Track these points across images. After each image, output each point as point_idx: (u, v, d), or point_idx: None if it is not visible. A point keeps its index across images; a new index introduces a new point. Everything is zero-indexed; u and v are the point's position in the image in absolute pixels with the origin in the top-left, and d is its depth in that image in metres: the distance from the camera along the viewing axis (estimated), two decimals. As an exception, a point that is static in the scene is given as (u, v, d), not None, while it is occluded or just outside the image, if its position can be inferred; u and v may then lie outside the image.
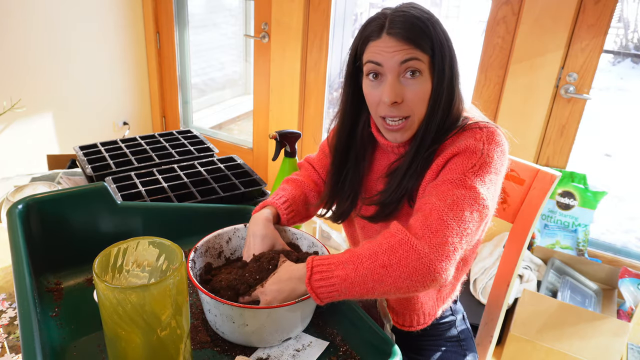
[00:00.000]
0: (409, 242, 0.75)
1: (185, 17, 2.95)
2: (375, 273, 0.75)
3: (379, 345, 0.80)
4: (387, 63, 0.84)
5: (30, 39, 2.38)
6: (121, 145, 1.46)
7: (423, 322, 1.03)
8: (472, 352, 1.10)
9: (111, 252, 0.68)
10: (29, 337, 0.67)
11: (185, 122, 3.20)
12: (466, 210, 0.77)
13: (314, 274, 0.77)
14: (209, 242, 0.93)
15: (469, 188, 0.79)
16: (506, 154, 0.88)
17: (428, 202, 0.80)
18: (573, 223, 2.07)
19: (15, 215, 0.89)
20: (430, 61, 0.84)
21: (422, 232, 0.75)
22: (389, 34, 0.83)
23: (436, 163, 0.86)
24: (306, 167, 1.12)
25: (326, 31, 2.41)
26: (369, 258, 0.76)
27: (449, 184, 0.80)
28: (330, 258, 0.79)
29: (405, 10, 0.84)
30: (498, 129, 0.88)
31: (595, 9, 1.80)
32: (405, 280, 0.74)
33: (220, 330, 0.82)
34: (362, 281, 0.75)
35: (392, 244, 0.75)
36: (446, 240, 0.75)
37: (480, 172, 0.81)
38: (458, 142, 0.85)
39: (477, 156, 0.82)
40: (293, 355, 0.82)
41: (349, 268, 0.76)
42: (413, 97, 0.85)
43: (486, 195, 0.80)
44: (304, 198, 1.04)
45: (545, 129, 2.02)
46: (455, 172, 0.81)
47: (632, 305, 1.80)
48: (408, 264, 0.73)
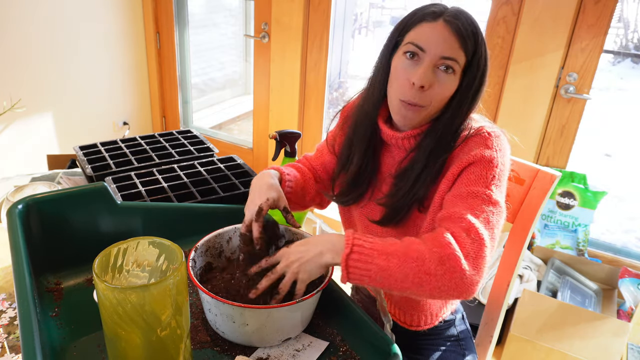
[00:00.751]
0: (458, 259, 0.75)
1: (185, 17, 2.95)
2: (417, 277, 0.75)
3: (379, 345, 0.80)
4: (431, 50, 0.84)
5: (30, 39, 2.38)
6: (121, 145, 1.46)
7: (430, 322, 1.05)
8: (472, 351, 1.10)
9: (111, 252, 0.68)
10: (29, 337, 0.67)
11: (185, 122, 3.20)
12: (496, 228, 0.82)
13: (353, 253, 0.76)
14: (209, 241, 0.93)
15: (495, 203, 0.83)
16: (509, 157, 0.91)
17: (462, 216, 0.80)
18: (573, 223, 2.07)
19: (15, 215, 0.89)
20: (466, 64, 0.86)
21: (467, 252, 0.77)
22: (445, 21, 0.84)
23: (451, 172, 0.87)
24: (303, 162, 1.12)
25: (326, 31, 2.41)
26: (416, 260, 0.75)
27: (476, 199, 0.83)
28: (373, 242, 0.77)
29: (463, 11, 0.87)
30: (502, 133, 0.90)
31: (595, 9, 1.80)
32: (443, 292, 0.75)
33: (220, 330, 0.82)
34: (401, 278, 0.75)
35: (441, 255, 0.75)
36: (484, 261, 0.78)
37: (499, 183, 0.85)
38: (470, 150, 0.86)
39: (494, 166, 0.85)
40: (293, 355, 0.81)
41: (393, 262, 0.75)
42: (439, 90, 0.86)
43: (504, 204, 0.85)
44: (303, 185, 1.04)
45: (545, 129, 2.02)
46: (478, 184, 0.84)
47: (632, 305, 1.80)
48: (452, 280, 0.75)
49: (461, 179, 0.85)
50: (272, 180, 0.93)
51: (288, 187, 0.99)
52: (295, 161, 1.13)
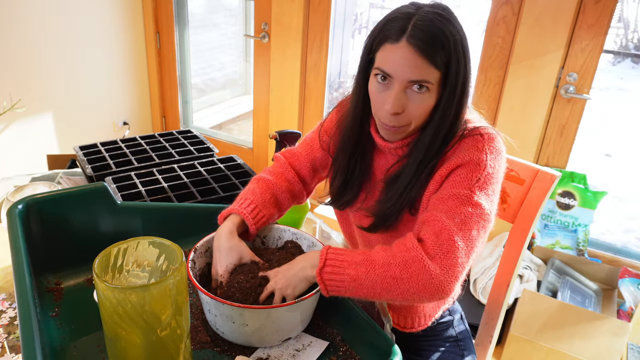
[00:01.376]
0: (422, 261, 0.76)
1: (185, 17, 2.95)
2: (385, 282, 0.77)
3: (379, 345, 0.80)
4: (398, 76, 0.81)
5: (30, 39, 2.38)
6: (121, 145, 1.46)
7: (423, 323, 1.04)
8: (471, 352, 1.10)
9: (111, 252, 0.68)
10: (29, 337, 0.67)
11: (185, 122, 3.20)
12: (473, 229, 0.80)
13: (326, 266, 0.79)
14: (209, 242, 0.93)
15: (476, 205, 0.81)
16: (504, 159, 0.88)
17: (437, 218, 0.80)
18: (573, 223, 2.07)
19: (15, 215, 0.89)
20: (442, 76, 0.82)
21: (434, 252, 0.77)
22: (408, 42, 0.79)
23: (439, 173, 0.86)
24: (281, 162, 1.05)
25: (326, 31, 2.41)
26: (382, 266, 0.77)
27: (456, 200, 0.81)
28: (344, 254, 0.80)
29: (433, 17, 0.80)
30: (497, 134, 0.87)
31: (595, 9, 1.80)
32: (413, 294, 0.77)
33: (220, 330, 0.82)
34: (370, 286, 0.77)
35: (406, 259, 0.77)
36: (456, 262, 0.77)
37: (484, 186, 0.82)
38: (461, 152, 0.84)
39: (482, 169, 0.82)
40: (293, 355, 0.81)
41: (361, 270, 0.78)
42: (415, 110, 0.84)
43: (490, 209, 0.82)
44: (275, 200, 0.99)
45: (545, 129, 2.02)
46: (461, 186, 0.82)
47: (632, 305, 1.80)
48: (418, 281, 0.76)
49: (447, 181, 0.84)
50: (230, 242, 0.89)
51: (259, 223, 0.95)
52: (274, 159, 1.08)
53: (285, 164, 1.05)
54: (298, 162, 1.05)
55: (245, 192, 0.98)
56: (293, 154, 1.07)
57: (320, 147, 1.04)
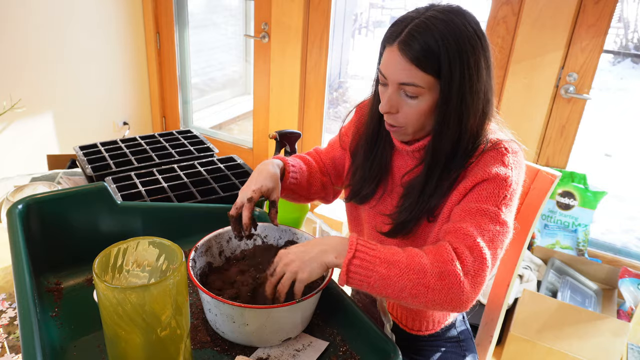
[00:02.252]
0: (458, 276, 0.76)
1: (185, 17, 2.95)
2: (415, 289, 0.76)
3: (379, 345, 0.80)
4: (390, 77, 0.84)
5: (30, 38, 2.38)
6: (121, 145, 1.46)
7: (432, 328, 1.05)
8: (472, 352, 1.10)
9: (111, 252, 0.68)
10: (29, 337, 0.67)
11: (185, 122, 3.20)
12: (499, 248, 0.83)
13: (356, 258, 0.76)
14: (210, 241, 0.93)
15: (502, 223, 0.83)
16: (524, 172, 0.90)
17: (469, 234, 0.80)
18: (573, 223, 2.07)
19: (15, 215, 0.89)
20: (436, 82, 0.82)
21: (468, 269, 0.78)
22: (398, 48, 0.81)
23: (463, 185, 0.86)
24: (312, 154, 1.13)
25: (326, 31, 2.41)
26: (417, 273, 0.76)
27: (484, 217, 0.82)
28: (376, 249, 0.77)
29: (430, 22, 0.80)
30: (519, 148, 0.89)
31: (595, 9, 1.81)
32: (437, 304, 0.77)
33: (220, 330, 0.82)
34: (399, 288, 0.76)
35: (443, 270, 0.76)
36: (484, 279, 0.79)
37: (509, 202, 0.85)
38: (486, 166, 0.85)
39: (508, 185, 0.84)
40: (293, 355, 0.81)
41: (393, 271, 0.76)
42: (408, 112, 0.86)
43: (511, 224, 0.85)
44: (309, 176, 1.05)
45: (545, 129, 2.02)
46: (489, 202, 0.83)
47: (632, 305, 1.80)
48: (449, 294, 0.76)
49: (472, 194, 0.85)
50: (273, 169, 0.95)
51: (292, 179, 1.01)
52: (306, 153, 1.14)
53: (316, 155, 1.12)
54: (324, 157, 1.11)
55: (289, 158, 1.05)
56: (319, 151, 1.14)
57: (341, 146, 1.09)
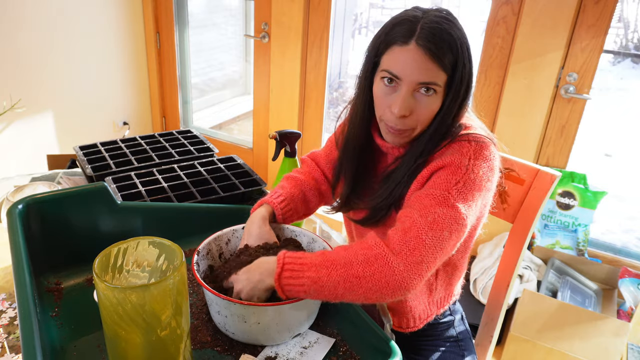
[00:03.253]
0: (385, 257, 0.76)
1: (185, 17, 2.95)
2: (347, 281, 0.76)
3: (379, 345, 0.80)
4: (407, 78, 0.81)
5: (30, 38, 2.38)
6: (121, 145, 1.46)
7: (413, 325, 1.03)
8: (471, 352, 1.10)
9: (111, 252, 0.68)
10: (29, 337, 0.67)
11: (185, 122, 3.20)
12: (445, 230, 0.78)
13: (284, 271, 0.78)
14: (209, 244, 0.93)
15: (451, 207, 0.80)
16: (495, 169, 0.86)
17: (409, 216, 0.80)
18: (573, 223, 2.07)
19: (15, 215, 0.89)
20: (448, 79, 0.82)
21: (399, 248, 0.76)
22: (417, 44, 0.79)
23: (422, 174, 0.86)
24: (308, 163, 1.11)
25: (326, 31, 2.41)
26: (344, 266, 0.76)
27: (431, 200, 0.80)
28: (302, 257, 0.79)
29: (439, 20, 0.80)
30: (490, 143, 0.86)
31: (595, 9, 1.81)
32: (375, 292, 0.76)
33: (230, 331, 0.83)
34: (332, 287, 0.76)
35: (368, 256, 0.77)
36: (422, 259, 0.76)
37: (463, 189, 0.81)
38: (445, 155, 0.84)
39: (462, 172, 0.82)
40: (301, 352, 0.82)
41: (322, 272, 0.76)
42: (422, 112, 0.84)
43: (467, 213, 0.81)
44: (303, 197, 1.04)
45: (545, 129, 2.02)
46: (439, 187, 0.81)
47: (632, 305, 1.80)
48: (381, 279, 0.75)
49: (428, 183, 0.84)
50: (261, 228, 0.93)
51: (286, 215, 0.99)
52: (301, 161, 1.13)
53: (312, 164, 1.10)
54: (321, 163, 1.09)
55: (277, 188, 1.03)
56: (316, 156, 1.11)
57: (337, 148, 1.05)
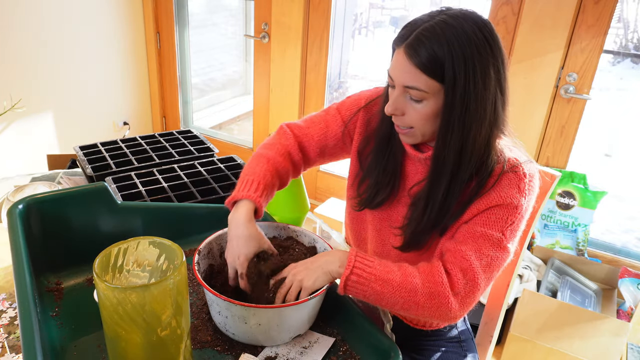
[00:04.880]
0: (447, 297, 0.81)
1: (185, 17, 2.95)
2: (407, 304, 0.82)
3: (379, 345, 0.80)
4: (396, 79, 0.84)
5: (30, 39, 2.38)
6: (121, 145, 1.46)
7: (436, 324, 1.05)
8: (472, 352, 1.10)
9: (111, 252, 0.68)
10: (29, 336, 0.67)
11: (185, 122, 3.20)
12: (495, 271, 0.85)
13: (353, 274, 0.81)
14: (210, 244, 0.93)
15: (504, 249, 0.84)
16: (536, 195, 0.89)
17: (466, 257, 0.83)
18: (573, 223, 2.07)
19: (15, 215, 0.89)
20: (442, 88, 0.81)
21: (458, 290, 0.82)
22: (404, 52, 0.81)
23: (476, 206, 0.85)
24: (284, 133, 1.03)
25: (326, 31, 2.41)
26: (408, 292, 0.81)
27: (487, 241, 0.84)
28: (372, 266, 0.82)
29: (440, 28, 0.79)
30: (536, 169, 0.88)
31: (595, 9, 1.81)
32: (427, 318, 0.84)
33: (230, 332, 0.83)
34: (391, 303, 0.82)
35: (432, 291, 0.81)
36: (473, 300, 0.84)
37: (515, 228, 0.85)
38: (502, 190, 0.84)
39: (518, 212, 0.84)
40: (301, 352, 0.82)
41: (387, 289, 0.81)
42: (413, 115, 0.85)
43: (513, 249, 0.86)
44: (278, 176, 0.98)
45: (545, 129, 2.02)
46: (494, 227, 0.84)
47: (632, 305, 1.80)
48: (438, 312, 0.82)
49: (481, 216, 0.85)
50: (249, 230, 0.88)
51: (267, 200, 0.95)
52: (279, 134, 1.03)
53: (290, 135, 1.02)
54: (307, 142, 1.03)
55: (250, 173, 0.95)
56: (305, 134, 1.03)
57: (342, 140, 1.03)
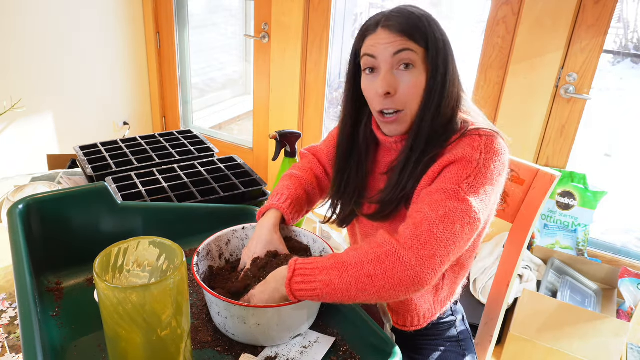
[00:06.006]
0: (396, 253, 0.76)
1: (185, 17, 2.95)
2: (360, 282, 0.76)
3: (379, 345, 0.80)
4: (381, 55, 0.85)
5: (30, 38, 2.38)
6: (121, 145, 1.46)
7: (417, 323, 1.03)
8: (471, 352, 1.10)
9: (112, 252, 0.68)
10: (30, 336, 0.67)
11: (186, 122, 3.20)
12: (457, 224, 0.78)
13: (295, 276, 0.78)
14: (210, 245, 0.93)
15: (462, 201, 0.79)
16: (505, 162, 0.86)
17: (420, 210, 0.80)
18: (573, 223, 2.07)
19: (15, 215, 0.89)
20: (425, 55, 0.85)
21: (411, 243, 0.76)
22: (383, 27, 0.85)
23: (432, 169, 0.86)
24: (309, 159, 1.11)
25: (326, 31, 2.41)
26: (354, 267, 0.76)
27: (442, 194, 0.80)
28: (313, 262, 0.80)
29: (402, 8, 0.88)
30: (499, 137, 0.86)
31: (595, 9, 1.81)
32: (389, 290, 0.75)
33: (230, 332, 0.83)
34: (345, 288, 0.76)
35: (379, 254, 0.76)
36: (434, 253, 0.75)
37: (474, 183, 0.81)
38: (456, 150, 0.84)
39: (473, 166, 0.82)
40: (301, 352, 0.82)
41: (333, 274, 0.77)
42: (406, 89, 0.86)
43: (478, 208, 0.80)
44: (306, 196, 1.05)
45: (545, 129, 2.02)
46: (450, 182, 0.81)
47: (632, 305, 1.80)
48: (394, 275, 0.75)
49: (439, 178, 0.84)
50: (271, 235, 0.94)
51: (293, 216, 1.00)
52: (301, 155, 1.13)
53: (313, 159, 1.10)
54: (322, 158, 1.10)
55: (281, 189, 1.03)
56: (317, 151, 1.11)
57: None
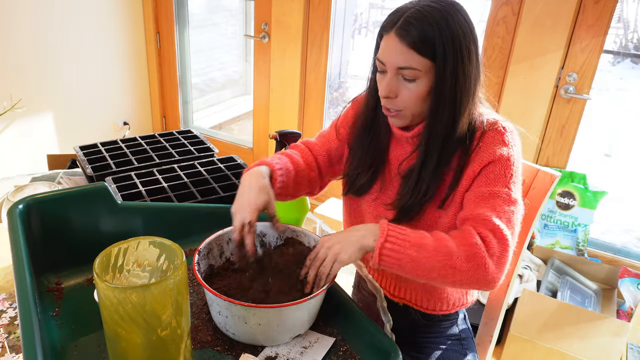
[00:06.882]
0: (483, 258, 0.82)
1: (185, 17, 2.95)
2: (443, 270, 0.81)
3: (379, 345, 0.80)
4: (388, 63, 0.88)
5: (30, 38, 2.38)
6: (121, 145, 1.46)
7: (446, 309, 1.06)
8: (472, 351, 1.10)
9: (112, 252, 0.68)
10: (30, 336, 0.67)
11: (185, 122, 3.20)
12: (516, 226, 0.87)
13: (387, 242, 0.81)
14: (210, 244, 0.93)
15: (515, 202, 0.88)
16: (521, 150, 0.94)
17: (487, 218, 0.85)
18: (573, 223, 2.07)
19: (15, 215, 0.89)
20: (432, 66, 0.86)
21: (494, 252, 0.83)
22: (396, 34, 0.85)
23: (471, 169, 0.90)
24: (301, 148, 1.09)
25: (326, 31, 2.41)
26: (444, 255, 0.81)
27: (498, 199, 0.87)
28: (405, 233, 0.83)
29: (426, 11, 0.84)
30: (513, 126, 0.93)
31: (595, 9, 1.81)
32: (465, 285, 0.83)
33: (230, 332, 0.83)
34: (428, 269, 0.81)
35: (469, 253, 0.81)
36: (507, 259, 0.84)
37: (516, 181, 0.89)
38: (489, 147, 0.89)
39: (511, 163, 0.89)
40: (301, 352, 0.82)
41: (422, 254, 0.81)
42: (406, 97, 0.89)
43: (521, 200, 0.90)
44: (296, 175, 1.02)
45: (545, 129, 2.02)
46: (498, 184, 0.88)
47: (631, 305, 1.80)
48: (475, 275, 0.81)
49: (480, 178, 0.89)
50: (264, 180, 0.91)
51: (279, 183, 0.97)
52: (294, 147, 1.11)
53: (306, 149, 1.09)
54: (315, 150, 1.09)
55: (274, 157, 1.01)
56: (310, 144, 1.10)
57: (337, 138, 1.09)
